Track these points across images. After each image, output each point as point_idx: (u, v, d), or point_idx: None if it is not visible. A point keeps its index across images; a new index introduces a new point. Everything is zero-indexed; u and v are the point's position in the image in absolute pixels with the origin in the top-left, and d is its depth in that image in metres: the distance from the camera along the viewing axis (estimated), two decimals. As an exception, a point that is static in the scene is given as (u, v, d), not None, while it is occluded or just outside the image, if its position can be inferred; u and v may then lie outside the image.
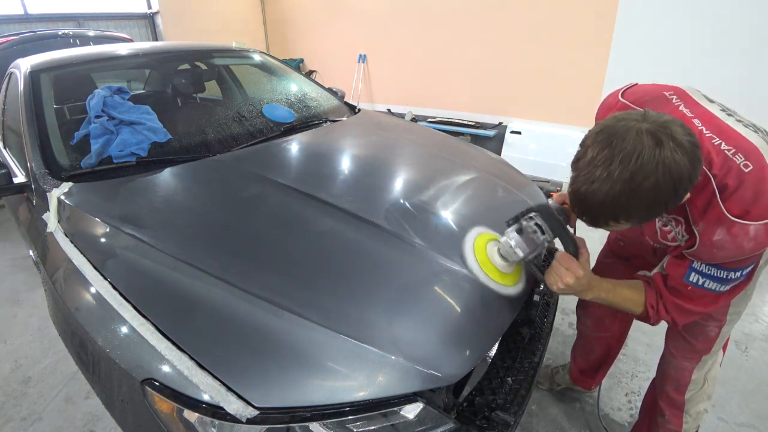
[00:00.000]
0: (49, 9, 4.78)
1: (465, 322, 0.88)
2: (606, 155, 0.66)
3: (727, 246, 0.73)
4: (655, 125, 0.66)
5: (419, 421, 0.77)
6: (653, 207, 0.68)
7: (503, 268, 1.01)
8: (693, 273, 0.82)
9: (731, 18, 2.97)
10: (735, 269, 0.78)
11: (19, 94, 1.58)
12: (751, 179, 0.71)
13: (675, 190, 0.66)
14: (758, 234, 0.70)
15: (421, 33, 4.82)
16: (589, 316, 1.42)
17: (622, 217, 0.70)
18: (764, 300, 2.21)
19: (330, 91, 2.31)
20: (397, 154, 1.68)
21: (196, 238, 1.04)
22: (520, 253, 0.93)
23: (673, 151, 0.64)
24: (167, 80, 2.24)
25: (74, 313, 0.90)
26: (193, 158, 1.40)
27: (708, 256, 0.78)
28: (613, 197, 0.67)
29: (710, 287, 0.82)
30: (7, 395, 1.63)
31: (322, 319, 0.82)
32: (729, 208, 0.72)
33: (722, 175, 0.73)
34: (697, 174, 0.67)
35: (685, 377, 1.09)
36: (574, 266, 0.86)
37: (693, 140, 0.66)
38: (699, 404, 1.13)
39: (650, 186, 0.64)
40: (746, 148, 0.74)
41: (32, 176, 1.30)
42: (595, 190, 0.68)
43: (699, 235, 0.76)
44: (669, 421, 1.17)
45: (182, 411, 0.73)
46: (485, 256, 1.03)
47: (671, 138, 0.64)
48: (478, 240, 1.07)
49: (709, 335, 1.02)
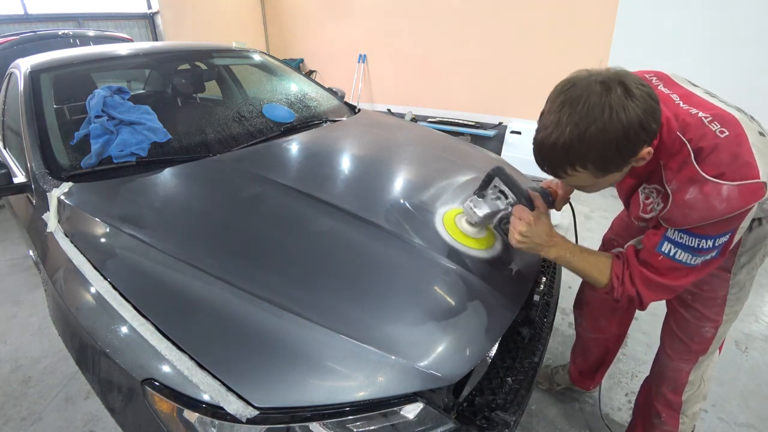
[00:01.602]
0: (49, 9, 4.78)
1: (465, 322, 0.88)
2: (558, 103, 0.70)
3: (699, 205, 0.71)
4: (607, 75, 0.69)
5: (419, 421, 0.77)
6: (604, 152, 0.69)
7: (474, 233, 1.08)
8: (665, 242, 0.80)
9: (731, 18, 2.97)
10: (707, 236, 0.75)
11: (19, 94, 1.58)
12: (727, 143, 0.71)
13: (625, 135, 0.67)
14: (731, 195, 0.69)
15: (421, 33, 4.82)
16: (585, 317, 1.42)
17: (578, 163, 0.72)
18: (764, 300, 2.21)
19: (330, 91, 2.31)
20: (397, 154, 1.68)
21: (196, 238, 1.04)
22: (480, 213, 1.00)
23: (622, 96, 0.66)
24: (167, 80, 2.24)
25: (74, 313, 0.90)
26: (193, 158, 1.40)
27: (681, 218, 0.75)
28: (564, 142, 0.69)
29: (681, 258, 0.79)
30: (7, 395, 1.63)
31: (322, 319, 0.82)
32: (703, 168, 0.71)
33: (697, 139, 0.73)
34: (651, 123, 0.68)
35: (682, 378, 1.09)
36: (525, 215, 0.88)
37: (647, 90, 0.68)
38: (695, 405, 1.13)
39: (598, 130, 0.66)
40: (723, 117, 0.74)
41: (32, 176, 1.30)
42: (548, 136, 0.71)
43: (672, 195, 0.75)
44: (665, 422, 1.16)
45: (182, 411, 0.73)
46: (455, 226, 1.11)
47: (621, 85, 0.67)
48: (447, 215, 1.16)
49: (705, 336, 1.01)
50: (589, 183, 0.79)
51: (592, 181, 0.78)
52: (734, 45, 2.99)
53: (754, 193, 0.69)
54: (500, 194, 0.98)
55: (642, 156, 0.72)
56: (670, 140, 0.76)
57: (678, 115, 0.77)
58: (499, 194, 0.99)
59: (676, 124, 0.76)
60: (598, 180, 0.78)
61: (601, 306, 1.34)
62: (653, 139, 0.72)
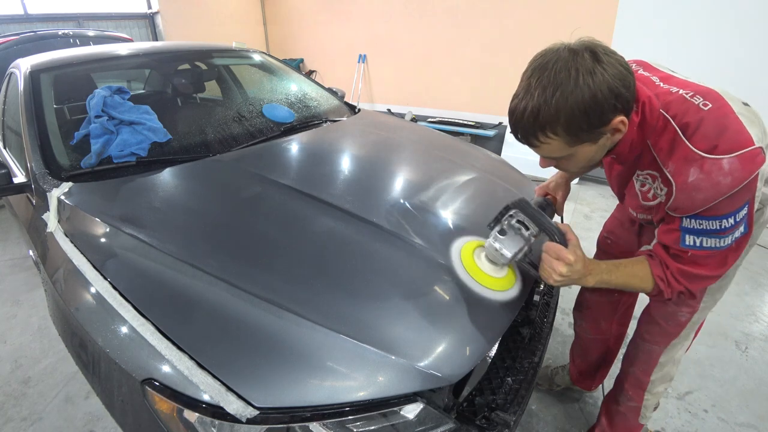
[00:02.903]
0: (49, 9, 4.78)
1: (465, 322, 0.88)
2: (529, 72, 0.72)
3: (704, 185, 0.70)
4: (577, 43, 0.70)
5: (419, 421, 0.77)
6: (572, 116, 0.68)
7: (494, 272, 0.97)
8: (687, 235, 0.77)
9: (731, 17, 2.97)
10: (726, 216, 0.73)
11: (19, 94, 1.58)
12: (712, 115, 0.71)
13: (593, 98, 0.67)
14: (733, 167, 0.67)
15: (421, 33, 4.82)
16: (585, 318, 1.42)
17: (548, 128, 0.71)
18: (764, 300, 2.21)
19: (330, 91, 2.31)
20: (397, 154, 1.68)
21: (196, 238, 1.04)
22: (508, 254, 0.91)
23: (589, 61, 0.67)
24: (167, 80, 2.24)
25: (74, 313, 0.90)
26: (193, 158, 1.41)
27: (689, 203, 0.73)
28: (533, 107, 0.70)
29: (710, 245, 0.76)
30: (7, 395, 1.63)
31: (322, 318, 0.82)
32: (695, 144, 0.70)
33: (681, 114, 0.73)
34: (620, 89, 0.68)
35: (653, 360, 1.10)
36: (563, 254, 0.82)
37: (616, 57, 0.69)
38: (661, 385, 1.15)
39: (566, 93, 0.67)
40: (704, 91, 0.74)
41: (32, 176, 1.30)
42: (519, 103, 0.72)
43: (673, 179, 0.74)
44: (631, 399, 1.19)
45: (182, 411, 0.73)
46: (474, 265, 0.99)
47: (589, 51, 0.67)
48: (464, 249, 1.04)
49: (680, 320, 1.01)
50: (564, 154, 0.77)
51: (567, 152, 0.76)
52: (735, 44, 2.99)
53: (754, 159, 0.68)
54: (520, 225, 0.91)
55: (615, 126, 0.72)
56: (654, 118, 0.76)
57: (659, 94, 0.77)
58: (518, 225, 0.91)
59: (658, 103, 0.76)
60: (574, 152, 0.76)
61: (602, 308, 1.34)
62: (627, 108, 0.71)
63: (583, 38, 0.71)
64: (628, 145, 0.80)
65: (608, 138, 0.76)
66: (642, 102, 0.77)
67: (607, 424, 1.31)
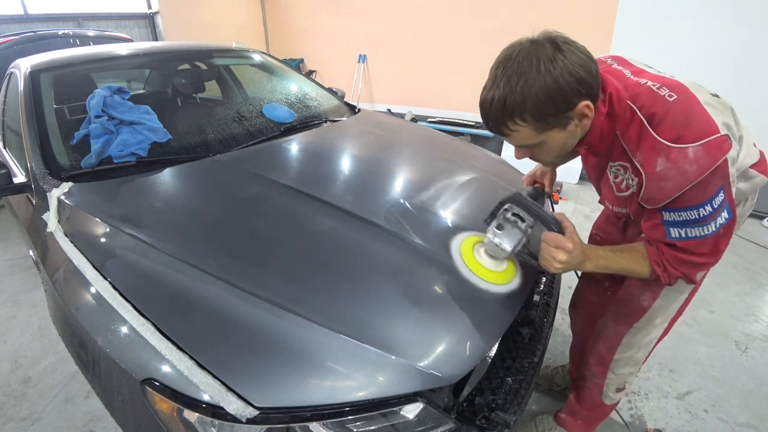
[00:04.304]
0: (49, 9, 4.77)
1: (465, 322, 0.88)
2: (495, 65, 0.76)
3: (671, 174, 0.72)
4: (539, 35, 0.73)
5: (419, 421, 0.77)
6: (537, 102, 0.71)
7: (495, 266, 1.00)
8: (670, 228, 0.80)
9: (731, 18, 2.97)
10: (701, 204, 0.74)
11: (19, 94, 1.58)
12: (678, 106, 0.73)
13: (555, 83, 0.70)
14: (698, 155, 0.70)
15: (421, 33, 4.82)
16: (580, 318, 1.42)
17: (516, 115, 0.74)
18: (764, 300, 2.21)
19: (330, 91, 2.31)
20: (397, 154, 1.68)
21: (196, 238, 1.04)
22: (508, 248, 0.94)
23: (550, 49, 0.70)
24: (167, 80, 2.24)
25: (74, 313, 0.90)
26: (193, 158, 1.41)
27: (659, 192, 0.75)
28: (499, 96, 0.73)
29: (695, 235, 0.78)
30: (7, 395, 1.63)
31: (322, 318, 0.82)
32: (661, 135, 0.72)
33: (648, 105, 0.75)
34: (582, 73, 0.71)
35: (617, 339, 1.13)
36: (562, 242, 0.86)
37: (577, 45, 0.73)
38: (625, 367, 1.17)
39: (529, 80, 0.70)
40: (671, 83, 0.77)
41: (32, 176, 1.30)
42: (487, 94, 0.76)
43: (642, 169, 0.76)
44: (594, 375, 1.22)
45: (182, 411, 0.73)
46: (474, 260, 1.01)
47: (550, 41, 0.71)
48: (464, 245, 1.06)
49: (642, 304, 1.03)
50: (535, 141, 0.79)
51: (537, 138, 0.79)
52: (735, 45, 2.99)
53: (719, 147, 0.70)
54: (516, 218, 0.94)
55: (581, 111, 0.74)
56: (621, 109, 0.78)
57: (628, 86, 0.79)
58: (514, 218, 0.94)
59: (626, 94, 0.78)
60: (544, 138, 0.79)
61: (595, 308, 1.34)
62: (591, 93, 0.74)
63: (545, 30, 0.75)
64: (598, 135, 0.82)
65: (576, 124, 0.78)
66: (609, 93, 0.79)
67: (574, 400, 1.36)
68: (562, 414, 1.41)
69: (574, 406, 1.36)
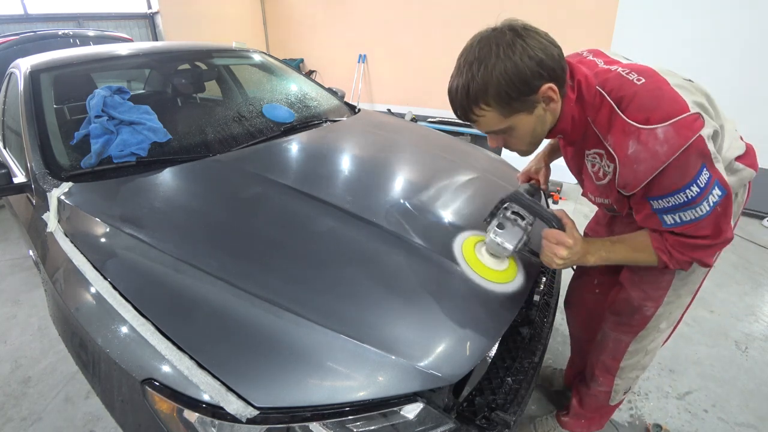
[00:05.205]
0: (49, 9, 4.78)
1: (465, 322, 0.88)
2: (460, 55, 0.78)
3: (643, 156, 0.71)
4: (501, 24, 0.75)
5: (419, 421, 0.77)
6: (500, 86, 0.73)
7: (496, 265, 1.01)
8: (663, 215, 0.78)
9: (731, 18, 2.97)
10: (686, 187, 0.72)
11: (19, 94, 1.58)
12: (646, 88, 0.73)
13: (516, 67, 0.71)
14: (668, 135, 0.69)
15: (421, 33, 4.82)
16: (574, 316, 1.42)
17: (480, 101, 0.76)
18: (764, 300, 2.21)
19: (330, 91, 2.31)
20: (397, 154, 1.68)
21: (196, 238, 1.04)
22: (510, 246, 0.94)
23: (510, 36, 0.72)
24: (167, 80, 2.24)
25: (74, 313, 0.90)
26: (193, 158, 1.40)
27: (632, 176, 0.74)
28: (463, 84, 0.76)
29: (689, 217, 0.76)
30: (7, 395, 1.63)
31: (322, 318, 0.82)
32: (630, 117, 0.72)
33: (616, 89, 0.75)
34: (541, 56, 0.72)
35: (621, 348, 1.12)
36: (562, 238, 0.86)
37: (538, 31, 0.74)
38: (632, 372, 1.16)
39: (489, 67, 0.72)
40: (641, 68, 0.77)
41: (32, 176, 1.30)
42: (452, 83, 0.79)
43: (615, 153, 0.75)
44: (601, 384, 1.21)
45: (182, 411, 0.73)
46: (476, 259, 1.02)
47: (510, 28, 0.73)
48: (466, 245, 1.06)
49: (645, 314, 1.03)
50: (503, 126, 0.80)
51: (505, 123, 0.79)
52: (735, 45, 2.99)
53: (690, 126, 0.69)
54: (515, 216, 0.94)
55: (545, 93, 0.75)
56: (591, 95, 0.79)
57: (597, 73, 0.80)
58: (514, 216, 0.94)
59: (595, 80, 0.79)
60: (512, 123, 0.79)
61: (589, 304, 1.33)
62: (554, 76, 0.74)
63: (507, 19, 0.77)
64: (570, 121, 0.83)
65: (544, 108, 0.79)
66: (578, 79, 0.80)
67: (577, 404, 1.34)
68: (565, 417, 1.39)
69: (578, 410, 1.34)
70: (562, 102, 0.80)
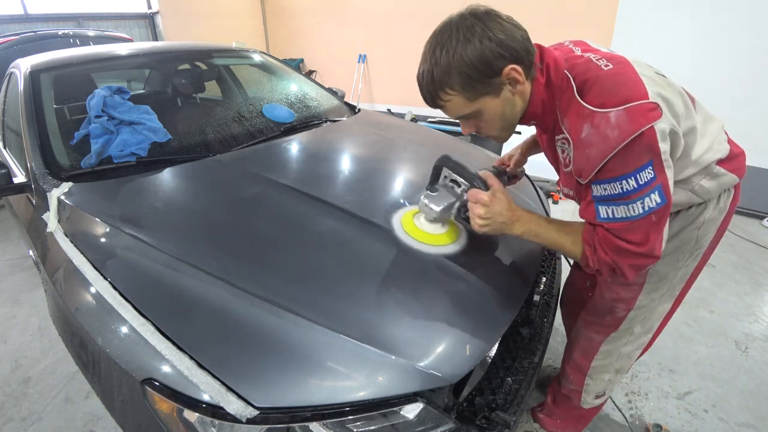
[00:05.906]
0: (49, 9, 4.78)
1: (465, 322, 0.88)
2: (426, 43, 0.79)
3: (594, 140, 0.70)
4: (465, 10, 0.75)
5: (419, 421, 0.77)
6: (462, 70, 0.73)
7: (434, 230, 1.05)
8: (599, 207, 0.76)
9: (731, 18, 2.97)
10: (624, 176, 0.70)
11: (19, 94, 1.58)
12: (609, 74, 0.72)
13: (476, 51, 0.72)
14: (620, 120, 0.67)
15: (421, 33, 4.81)
16: (571, 316, 1.41)
17: (446, 85, 0.76)
18: (764, 300, 2.21)
19: (330, 91, 2.31)
20: (398, 154, 1.68)
21: (196, 238, 1.04)
22: (436, 208, 0.98)
23: (472, 20, 0.73)
24: (167, 80, 2.24)
25: (74, 313, 0.90)
26: (193, 158, 1.41)
27: (586, 162, 0.73)
28: (428, 69, 0.77)
29: (621, 215, 0.74)
30: (7, 395, 1.63)
31: (322, 318, 0.82)
32: (587, 101, 0.72)
33: (582, 73, 0.75)
34: (506, 39, 0.72)
35: (593, 347, 1.13)
36: (479, 196, 0.86)
37: (501, 15, 0.75)
38: (604, 374, 1.16)
39: (450, 51, 0.73)
40: (614, 57, 0.77)
41: (32, 176, 1.30)
42: (419, 70, 0.80)
43: (570, 137, 0.75)
44: (571, 382, 1.23)
45: (182, 411, 0.73)
46: (414, 227, 1.07)
47: (471, 13, 0.74)
48: (404, 217, 1.12)
49: (617, 315, 1.04)
50: (470, 110, 0.80)
51: (472, 107, 0.79)
52: (734, 45, 2.99)
53: (645, 114, 0.67)
54: (453, 183, 0.96)
55: (509, 75, 0.74)
56: (558, 78, 0.78)
57: (569, 58, 0.80)
58: (451, 183, 0.97)
59: (564, 65, 0.78)
60: (479, 107, 0.79)
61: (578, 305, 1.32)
62: (517, 57, 0.74)
63: (471, 5, 0.77)
64: (540, 105, 0.82)
65: (512, 91, 0.78)
66: (546, 62, 0.80)
67: (551, 403, 1.36)
68: (540, 414, 1.41)
69: (552, 408, 1.36)
70: (532, 86, 0.80)
